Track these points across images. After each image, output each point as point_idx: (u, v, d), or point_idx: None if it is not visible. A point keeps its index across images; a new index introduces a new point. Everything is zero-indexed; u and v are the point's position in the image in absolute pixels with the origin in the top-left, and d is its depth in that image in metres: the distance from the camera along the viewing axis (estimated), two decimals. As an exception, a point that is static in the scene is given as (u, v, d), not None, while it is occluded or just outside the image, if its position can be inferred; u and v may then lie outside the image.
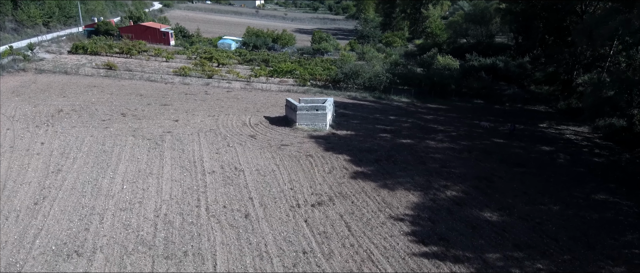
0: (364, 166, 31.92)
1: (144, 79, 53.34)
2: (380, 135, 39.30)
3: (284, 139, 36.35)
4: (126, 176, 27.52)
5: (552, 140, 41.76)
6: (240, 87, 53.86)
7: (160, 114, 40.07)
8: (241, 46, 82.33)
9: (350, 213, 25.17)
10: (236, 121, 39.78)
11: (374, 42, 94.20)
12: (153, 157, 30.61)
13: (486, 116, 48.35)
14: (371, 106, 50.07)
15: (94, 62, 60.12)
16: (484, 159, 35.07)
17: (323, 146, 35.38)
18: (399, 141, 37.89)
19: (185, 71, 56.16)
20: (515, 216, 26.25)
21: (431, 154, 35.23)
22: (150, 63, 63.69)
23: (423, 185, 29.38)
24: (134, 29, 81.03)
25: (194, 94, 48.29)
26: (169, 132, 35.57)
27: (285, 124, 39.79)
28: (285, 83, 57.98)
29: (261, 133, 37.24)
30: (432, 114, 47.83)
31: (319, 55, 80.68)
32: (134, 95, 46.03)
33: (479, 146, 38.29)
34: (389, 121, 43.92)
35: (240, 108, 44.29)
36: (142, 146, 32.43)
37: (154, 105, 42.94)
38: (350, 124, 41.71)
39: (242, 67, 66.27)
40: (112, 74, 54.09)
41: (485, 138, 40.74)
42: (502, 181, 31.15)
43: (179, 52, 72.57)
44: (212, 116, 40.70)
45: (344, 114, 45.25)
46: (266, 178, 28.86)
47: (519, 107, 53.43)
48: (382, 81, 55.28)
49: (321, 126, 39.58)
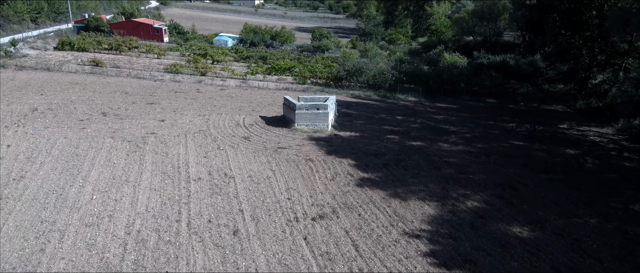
0: (371, 172, 28.25)
1: (132, 77, 49.67)
2: (388, 137, 35.65)
3: (281, 141, 32.69)
4: (98, 185, 23.84)
5: (576, 142, 38.08)
6: (235, 85, 50.20)
7: (145, 114, 36.40)
8: (238, 43, 78.72)
9: (357, 228, 21.50)
10: (229, 122, 36.13)
11: (376, 40, 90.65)
12: (131, 162, 26.93)
13: (501, 116, 44.67)
14: (376, 105, 46.41)
15: (80, 58, 56.44)
16: (505, 163, 31.39)
17: (325, 149, 31.72)
18: (409, 144, 34.22)
19: (176, 68, 52.52)
20: (549, 231, 22.57)
21: (445, 159, 31.56)
22: (141, 60, 60.04)
23: (439, 194, 25.71)
24: (126, 25, 77.41)
25: (185, 92, 44.62)
26: (153, 133, 31.90)
27: (283, 125, 36.15)
28: (284, 81, 54.36)
29: (256, 135, 33.59)
30: (442, 114, 44.16)
31: (319, 52, 77.06)
32: (119, 93, 42.36)
33: (497, 149, 34.63)
34: (396, 122, 40.27)
35: (234, 107, 40.64)
36: (120, 149, 28.75)
37: (140, 104, 39.27)
38: (354, 125, 38.07)
39: (238, 65, 62.63)
40: (97, 71, 50.44)
41: (503, 139, 37.08)
42: (528, 189, 27.47)
43: (172, 49, 68.95)
44: (203, 116, 37.05)
45: (347, 113, 41.61)
46: (260, 186, 25.19)
47: (535, 106, 49.75)
48: (387, 78, 51.64)
49: (322, 126, 35.93)
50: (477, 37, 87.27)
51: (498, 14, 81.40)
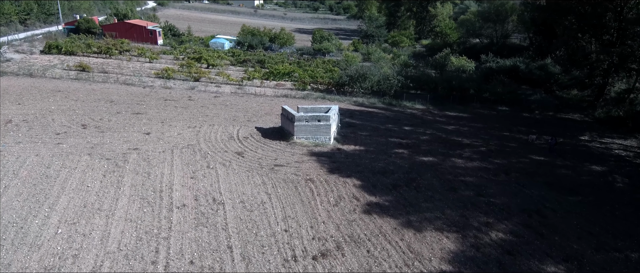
0: (379, 194, 25.07)
1: (120, 83, 46.50)
2: (396, 151, 32.47)
3: (279, 157, 29.52)
4: (66, 214, 20.66)
5: (601, 157, 34.91)
6: (230, 91, 47.02)
7: (130, 126, 33.21)
8: (235, 46, 75.59)
9: (367, 269, 18.31)
10: (221, 134, 32.96)
11: (379, 42, 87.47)
12: (108, 185, 23.75)
13: (517, 126, 41.47)
14: (381, 114, 43.24)
15: (67, 63, 53.30)
16: (527, 183, 28.19)
17: (327, 166, 28.55)
18: (419, 159, 31.04)
19: (168, 74, 49.36)
20: (587, 270, 19.41)
21: (461, 177, 28.37)
22: (131, 64, 56.88)
23: (458, 223, 22.53)
24: (118, 26, 74.26)
25: (175, 100, 41.44)
26: (136, 149, 28.71)
27: (281, 138, 32.99)
28: (282, 87, 51.21)
29: (251, 150, 30.41)
30: (453, 124, 40.98)
31: (320, 56, 73.94)
32: (103, 101, 39.18)
33: (517, 165, 31.44)
34: (403, 133, 37.11)
35: (228, 117, 37.47)
36: (97, 168, 25.56)
37: (124, 114, 36.09)
38: (358, 137, 34.90)
39: (235, 69, 59.49)
40: (83, 77, 47.27)
41: (522, 154, 33.89)
42: (557, 215, 24.28)
43: (165, 52, 65.81)
44: (193, 128, 33.86)
45: (351, 124, 38.45)
46: (253, 214, 22.01)
47: (551, 115, 46.56)
48: (392, 84, 48.47)
49: (324, 139, 32.76)
50: (484, 39, 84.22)
51: (506, 16, 78.30)
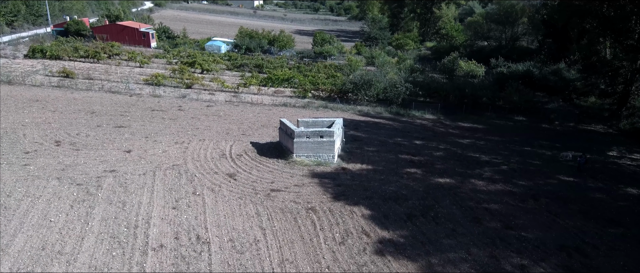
0: (392, 228, 21.54)
1: (105, 90, 42.97)
2: (407, 170, 28.95)
3: (276, 179, 26.00)
4: (19, 261, 17.13)
5: (635, 178, 31.38)
6: (224, 100, 43.48)
7: (109, 142, 29.69)
8: (232, 49, 72.14)
9: (382, 336, 14.79)
10: (212, 151, 29.44)
11: (382, 45, 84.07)
12: (74, 218, 20.22)
13: (537, 139, 37.95)
14: (389, 125, 39.72)
15: (51, 68, 49.81)
16: (560, 211, 24.66)
17: (331, 190, 25.03)
18: (435, 181, 27.51)
19: (158, 80, 45.85)
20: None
21: (484, 204, 24.84)
22: (120, 69, 53.39)
23: (488, 266, 18.99)
24: (109, 28, 70.78)
25: (164, 111, 37.92)
26: (113, 171, 25.19)
27: (279, 155, 29.47)
28: (281, 94, 47.71)
29: (244, 170, 26.89)
30: (468, 137, 37.45)
31: (321, 59, 70.49)
32: (84, 113, 35.66)
33: (545, 188, 27.89)
34: (414, 148, 33.59)
35: (221, 130, 33.96)
36: (65, 197, 22.03)
37: (105, 127, 32.57)
38: (365, 154, 31.38)
39: (231, 74, 56.00)
40: (66, 84, 43.74)
41: (549, 174, 30.34)
42: (600, 253, 20.75)
43: (158, 55, 62.35)
44: (181, 144, 30.34)
45: (356, 137, 34.94)
46: (244, 256, 18.49)
47: (572, 126, 43.02)
48: (400, 92, 44.95)
49: (327, 158, 29.23)
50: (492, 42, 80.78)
51: (516, 18, 74.85)
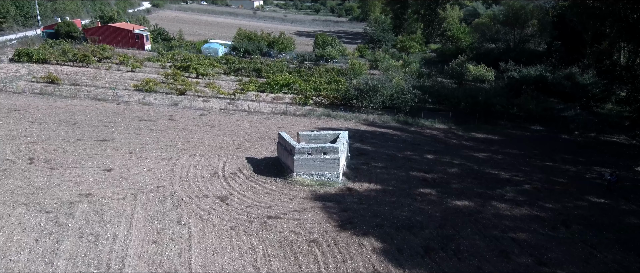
0: (408, 266, 18.57)
1: (90, 98, 40.01)
2: (421, 191, 25.97)
3: (274, 203, 23.05)
4: (-41, 315, 14.22)
5: (672, 196, 28.37)
6: (219, 108, 40.49)
7: (89, 159, 26.73)
8: (230, 52, 69.15)
9: None
10: (203, 168, 26.49)
11: (386, 47, 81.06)
12: (38, 257, 17.26)
13: (559, 152, 34.90)
14: (397, 136, 36.73)
15: (36, 73, 46.88)
16: (596, 241, 21.65)
17: (335, 217, 22.08)
18: (452, 204, 24.53)
19: (149, 86, 42.88)
20: None
21: (510, 233, 21.84)
22: (110, 74, 50.44)
23: (524, 317, 16.03)
24: (102, 30, 67.80)
25: (153, 121, 34.95)
26: (89, 195, 22.23)
27: (277, 173, 26.54)
28: (281, 101, 44.73)
29: (238, 192, 23.94)
30: (483, 151, 34.44)
31: (322, 62, 67.47)
32: (65, 124, 32.71)
33: (575, 211, 24.88)
34: (426, 163, 30.59)
35: (214, 144, 31.00)
36: (31, 228, 19.08)
37: (87, 141, 29.61)
38: (372, 171, 28.40)
39: (228, 79, 53.07)
40: (49, 91, 40.78)
41: (576, 194, 27.30)
42: (652, 296, 17.79)
43: (152, 59, 59.41)
44: (168, 160, 27.38)
45: (362, 151, 31.96)
46: (234, 306, 15.54)
47: (593, 137, 39.99)
48: (407, 100, 41.93)
49: (331, 176, 26.26)
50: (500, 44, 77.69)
51: (526, 20, 71.77)
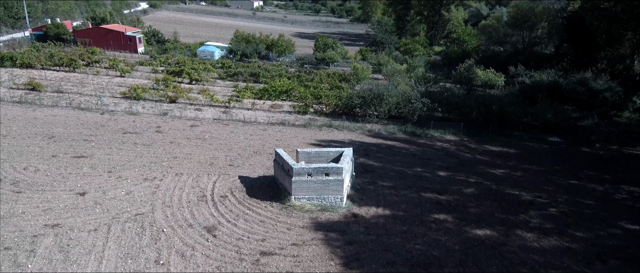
0: (426, 318, 15.62)
1: (73, 107, 37.06)
2: (435, 217, 23.04)
3: (269, 235, 20.12)
4: None
5: None
6: (212, 117, 37.56)
7: (62, 180, 23.80)
8: (227, 55, 66.23)
9: None
10: (189, 191, 23.56)
11: (389, 50, 78.11)
12: (-21, 312, 14.37)
13: (582, 168, 31.90)
14: (405, 149, 33.77)
15: (18, 79, 43.96)
16: (642, 282, 18.77)
17: (340, 253, 19.15)
18: (472, 234, 21.57)
19: (137, 93, 39.94)
20: None
21: (542, 271, 18.88)
22: (98, 79, 47.49)
23: None
24: (93, 32, 64.89)
25: (138, 133, 31.99)
26: (56, 226, 19.30)
27: (273, 196, 23.62)
28: (279, 109, 41.80)
29: (228, 221, 21.00)
30: (500, 166, 31.47)
31: (323, 66, 64.58)
32: (41, 137, 29.77)
33: (609, 241, 21.93)
34: (439, 182, 27.63)
35: (204, 160, 28.05)
36: (-22, 271, 16.19)
37: (62, 158, 26.67)
38: (380, 192, 25.46)
39: (223, 84, 50.14)
40: (29, 99, 37.85)
41: (608, 219, 24.31)
42: None
43: (143, 62, 56.52)
44: (151, 181, 24.45)
45: (368, 167, 29.01)
46: None
47: (615, 150, 37.02)
48: (415, 108, 38.99)
49: (334, 200, 23.33)
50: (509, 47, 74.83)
51: (536, 22, 68.90)
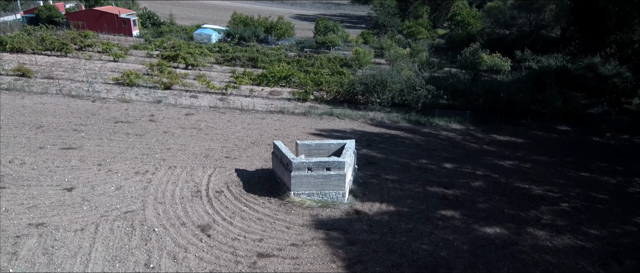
0: (435, 328, 14.56)
1: (64, 94, 35.61)
2: (442, 213, 21.87)
3: (266, 234, 18.98)
4: None
5: None
6: (209, 105, 36.17)
7: (49, 174, 22.57)
8: (224, 38, 64.41)
9: None
10: (183, 185, 22.37)
11: (392, 33, 76.18)
12: (-48, 325, 13.28)
13: (593, 159, 30.67)
14: (409, 139, 32.47)
15: (7, 65, 42.38)
16: (662, 285, 17.68)
17: (342, 254, 18.03)
18: (481, 232, 20.44)
19: (130, 79, 38.42)
20: None
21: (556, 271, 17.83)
22: (91, 64, 45.89)
23: None
24: (85, 15, 62.93)
25: (130, 123, 30.64)
26: (40, 225, 18.14)
27: (272, 191, 22.44)
28: (278, 96, 40.37)
29: (224, 218, 19.84)
30: (509, 157, 30.21)
31: (324, 50, 62.88)
32: (29, 127, 28.43)
33: (624, 240, 20.80)
34: (445, 175, 26.41)
35: (199, 152, 26.78)
36: (-47, 277, 15.08)
37: (50, 149, 25.40)
38: (383, 186, 24.26)
39: (220, 70, 48.57)
40: (18, 86, 36.39)
41: (622, 216, 23.15)
42: None
43: (138, 46, 54.80)
44: (143, 174, 23.22)
45: (370, 159, 27.76)
46: None
47: (627, 139, 35.72)
48: (420, 96, 37.53)
49: (335, 196, 22.14)
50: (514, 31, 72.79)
51: (544, 4, 66.81)
